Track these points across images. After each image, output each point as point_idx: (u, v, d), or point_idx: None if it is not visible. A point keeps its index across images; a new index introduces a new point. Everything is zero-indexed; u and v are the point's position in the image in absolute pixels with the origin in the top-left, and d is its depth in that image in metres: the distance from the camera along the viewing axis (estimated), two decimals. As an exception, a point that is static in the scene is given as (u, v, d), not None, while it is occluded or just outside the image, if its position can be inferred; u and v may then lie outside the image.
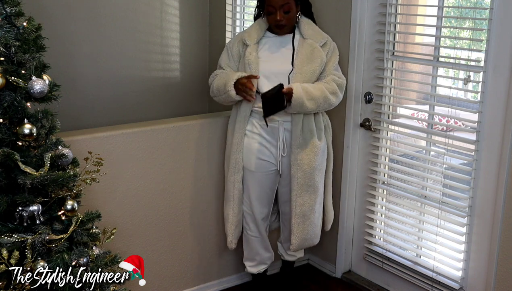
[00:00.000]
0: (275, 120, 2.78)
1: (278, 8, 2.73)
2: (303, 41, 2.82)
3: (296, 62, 2.78)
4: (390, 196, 3.10)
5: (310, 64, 2.77)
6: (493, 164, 2.60)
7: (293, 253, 3.12)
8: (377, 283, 3.25)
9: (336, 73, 2.85)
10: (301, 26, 2.85)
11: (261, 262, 3.07)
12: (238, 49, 2.87)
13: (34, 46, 1.79)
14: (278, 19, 2.74)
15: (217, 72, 2.92)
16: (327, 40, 2.85)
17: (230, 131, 2.92)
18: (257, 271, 3.08)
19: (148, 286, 2.13)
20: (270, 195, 2.95)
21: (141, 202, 2.86)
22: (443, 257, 2.89)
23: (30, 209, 1.79)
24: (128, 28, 3.83)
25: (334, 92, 2.79)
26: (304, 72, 2.76)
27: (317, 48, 2.79)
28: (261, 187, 2.89)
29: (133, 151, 2.78)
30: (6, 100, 1.75)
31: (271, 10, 2.75)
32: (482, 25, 2.67)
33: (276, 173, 2.88)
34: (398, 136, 3.12)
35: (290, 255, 3.14)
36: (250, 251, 3.04)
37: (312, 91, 2.71)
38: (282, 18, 2.75)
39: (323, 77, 2.81)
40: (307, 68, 2.76)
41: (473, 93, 3.07)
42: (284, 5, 2.72)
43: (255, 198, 2.91)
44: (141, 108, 3.93)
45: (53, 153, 1.85)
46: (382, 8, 2.97)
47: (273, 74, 2.78)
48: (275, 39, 2.86)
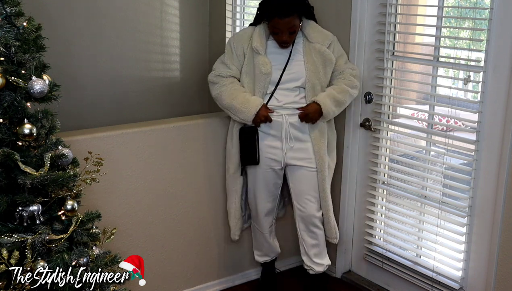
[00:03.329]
0: (279, 113, 2.82)
1: (283, 31, 2.74)
2: (309, 45, 2.84)
3: (309, 69, 2.81)
4: (390, 196, 3.10)
5: (323, 69, 2.83)
6: (493, 164, 2.60)
7: (322, 261, 2.99)
8: (377, 283, 3.25)
9: (349, 65, 2.92)
10: (305, 30, 2.86)
11: (265, 254, 3.17)
12: (242, 50, 2.86)
13: (34, 46, 1.78)
14: (284, 40, 2.77)
15: (220, 72, 2.88)
16: (332, 40, 2.88)
17: (231, 126, 2.94)
18: (263, 261, 3.19)
19: (148, 286, 2.12)
20: (274, 190, 2.97)
21: (141, 202, 2.86)
22: (443, 257, 2.89)
23: (30, 209, 1.79)
24: (128, 28, 3.83)
25: (355, 85, 2.90)
26: (319, 78, 2.82)
27: (326, 51, 2.83)
28: (265, 182, 2.92)
29: (133, 151, 2.78)
30: (6, 100, 1.75)
31: (277, 31, 2.76)
32: (482, 25, 2.67)
33: (280, 168, 2.90)
34: (398, 136, 3.12)
35: (318, 265, 2.99)
36: (256, 242, 3.16)
37: (338, 97, 2.82)
38: (287, 39, 2.77)
39: (338, 73, 2.88)
40: (321, 73, 2.82)
41: (473, 93, 3.07)
42: (290, 27, 2.73)
43: (258, 193, 2.95)
44: (141, 108, 3.93)
45: (53, 153, 1.85)
46: (382, 8, 2.97)
47: (288, 82, 2.81)
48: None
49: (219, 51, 3.73)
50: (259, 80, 2.80)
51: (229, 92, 2.82)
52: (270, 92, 2.83)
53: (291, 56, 2.83)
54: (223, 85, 2.85)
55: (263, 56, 2.80)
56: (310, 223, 2.93)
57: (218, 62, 2.94)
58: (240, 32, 3.00)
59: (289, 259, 3.44)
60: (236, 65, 2.88)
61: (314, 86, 2.81)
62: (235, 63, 2.88)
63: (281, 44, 2.81)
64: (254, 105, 2.76)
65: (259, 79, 2.80)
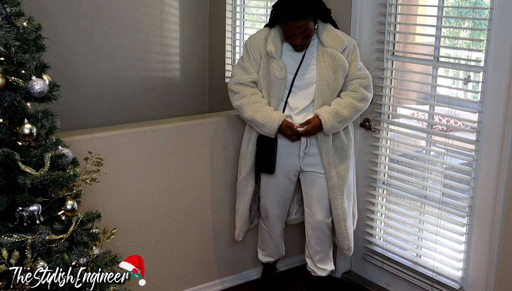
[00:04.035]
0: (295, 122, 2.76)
1: (297, 35, 2.66)
2: (323, 50, 2.75)
3: (319, 73, 2.74)
4: (390, 196, 3.10)
5: (334, 74, 2.73)
6: (493, 164, 2.60)
7: (325, 267, 3.00)
8: (377, 283, 3.25)
9: (360, 74, 2.78)
10: (320, 33, 2.77)
11: (270, 255, 3.17)
12: (259, 52, 2.79)
13: (34, 46, 1.78)
14: (297, 44, 2.69)
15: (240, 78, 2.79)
16: (347, 45, 2.77)
17: (248, 131, 2.90)
18: (266, 261, 3.18)
19: (148, 286, 2.13)
20: (286, 196, 2.96)
21: (141, 202, 2.86)
22: (443, 257, 2.89)
23: (30, 209, 1.79)
24: (128, 28, 3.83)
25: (363, 98, 2.77)
26: (329, 83, 2.73)
27: (338, 55, 2.73)
28: (277, 187, 2.91)
29: (133, 151, 2.78)
30: (6, 100, 1.75)
31: (290, 35, 2.67)
32: (482, 25, 2.67)
33: (294, 175, 2.88)
34: (398, 136, 3.12)
35: (321, 269, 3.00)
36: (262, 242, 3.15)
37: (343, 113, 2.71)
38: (301, 43, 2.69)
39: (348, 82, 2.78)
40: (331, 79, 2.73)
41: (473, 93, 3.07)
42: (303, 31, 2.65)
43: (269, 198, 2.94)
44: (141, 108, 3.93)
45: (53, 153, 1.85)
46: (382, 8, 2.97)
47: (301, 87, 2.76)
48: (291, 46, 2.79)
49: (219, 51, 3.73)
50: (274, 85, 2.74)
51: (251, 106, 2.75)
52: (285, 99, 2.77)
53: (303, 61, 2.76)
54: (244, 96, 2.77)
55: (278, 60, 2.74)
56: (318, 228, 2.91)
57: (237, 67, 2.86)
58: (256, 34, 2.88)
59: (289, 259, 3.44)
60: (255, 69, 2.80)
61: (323, 92, 2.73)
62: (254, 67, 2.80)
63: (296, 48, 2.74)
64: (276, 120, 2.70)
65: (274, 84, 2.73)
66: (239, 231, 3.03)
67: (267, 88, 2.78)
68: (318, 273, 3.01)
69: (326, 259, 2.99)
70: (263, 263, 3.22)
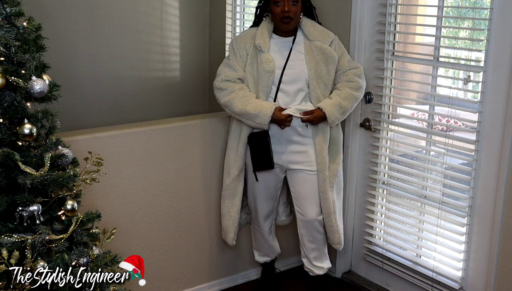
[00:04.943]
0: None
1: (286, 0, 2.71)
2: (310, 44, 2.80)
3: (311, 68, 2.77)
4: (390, 196, 3.10)
5: (326, 67, 2.78)
6: (493, 164, 2.60)
7: (322, 265, 3.00)
8: (377, 283, 3.25)
9: (352, 64, 2.87)
10: (304, 28, 2.82)
11: (265, 254, 3.18)
12: (245, 49, 2.81)
13: (34, 46, 1.78)
14: (286, 9, 2.70)
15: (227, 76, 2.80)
16: (333, 38, 2.85)
17: (236, 131, 2.89)
18: (263, 261, 3.20)
19: (148, 286, 2.13)
20: (274, 193, 2.97)
21: (141, 202, 2.86)
22: (443, 257, 2.89)
23: (30, 209, 1.79)
24: (128, 28, 3.83)
25: (359, 87, 2.85)
26: (322, 76, 2.78)
27: (327, 48, 2.79)
28: (266, 184, 2.92)
29: (133, 151, 2.78)
30: (6, 100, 1.75)
31: (278, 1, 2.71)
32: (482, 25, 2.67)
33: (281, 170, 2.89)
34: (398, 136, 3.12)
35: (318, 268, 2.99)
36: (256, 243, 3.17)
37: (344, 105, 2.79)
38: (290, 9, 2.71)
39: (341, 74, 2.84)
40: (323, 72, 2.78)
41: (473, 93, 3.06)
42: None
43: (258, 195, 2.95)
44: (141, 108, 3.93)
45: (53, 153, 1.85)
46: (382, 8, 2.97)
47: (288, 82, 2.78)
48: (280, 41, 2.82)
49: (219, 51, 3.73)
50: (262, 79, 2.75)
51: (241, 99, 2.75)
52: (273, 95, 2.78)
53: (290, 56, 2.79)
54: (232, 91, 2.78)
55: (266, 54, 2.77)
56: (310, 226, 2.92)
57: (223, 65, 2.87)
58: (242, 33, 2.96)
59: (289, 259, 3.44)
60: (242, 66, 2.82)
61: (317, 85, 2.77)
62: (240, 65, 2.82)
63: (284, 19, 2.74)
64: (268, 107, 2.70)
65: (262, 78, 2.75)
66: (233, 235, 2.98)
67: (255, 84, 2.79)
68: (315, 272, 3.00)
69: (322, 257, 2.99)
70: (261, 263, 3.23)
